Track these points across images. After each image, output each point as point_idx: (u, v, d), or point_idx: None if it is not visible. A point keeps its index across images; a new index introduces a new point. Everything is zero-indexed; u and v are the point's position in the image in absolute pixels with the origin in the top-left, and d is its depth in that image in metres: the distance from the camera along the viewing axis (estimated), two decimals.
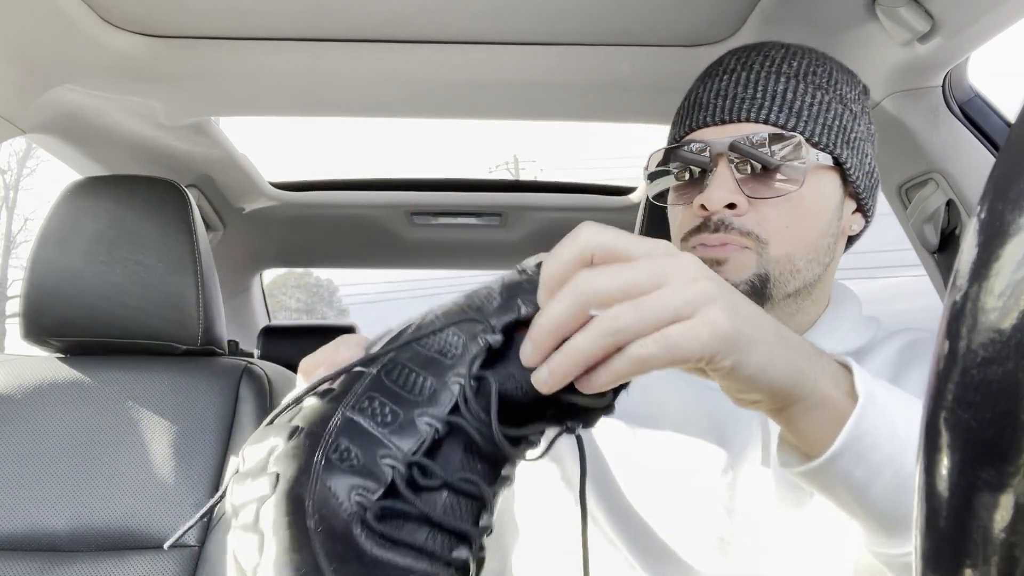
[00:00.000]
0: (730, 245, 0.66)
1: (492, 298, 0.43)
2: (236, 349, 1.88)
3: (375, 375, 0.42)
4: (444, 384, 0.41)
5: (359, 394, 0.41)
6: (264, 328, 2.25)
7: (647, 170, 0.74)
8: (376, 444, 0.39)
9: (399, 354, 0.42)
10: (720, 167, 0.66)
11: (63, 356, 1.14)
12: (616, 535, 0.66)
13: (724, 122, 0.68)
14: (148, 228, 1.09)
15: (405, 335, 0.43)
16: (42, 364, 1.11)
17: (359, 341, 0.45)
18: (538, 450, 0.43)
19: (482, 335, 0.41)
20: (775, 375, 0.42)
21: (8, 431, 1.04)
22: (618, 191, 2.00)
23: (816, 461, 0.46)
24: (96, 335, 1.09)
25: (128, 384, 1.08)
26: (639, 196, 1.91)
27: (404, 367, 0.42)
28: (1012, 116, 1.03)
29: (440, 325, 0.43)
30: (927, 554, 0.19)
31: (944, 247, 1.15)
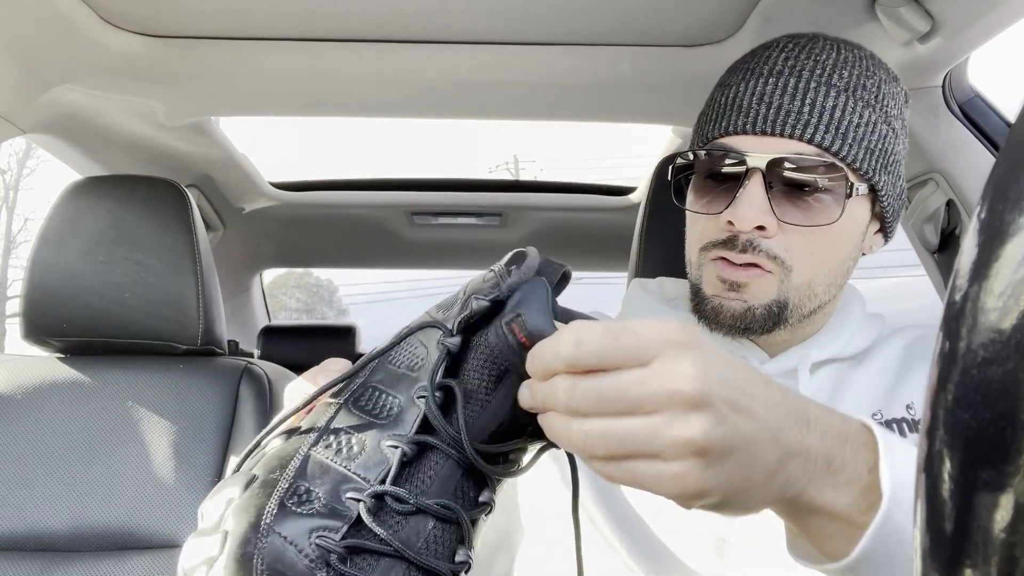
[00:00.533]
0: (754, 269, 0.63)
1: (456, 302, 0.42)
2: (236, 349, 1.89)
3: (341, 404, 0.40)
4: (411, 400, 0.39)
5: (322, 429, 0.39)
6: (264, 328, 2.26)
7: (672, 166, 0.70)
8: (340, 480, 0.37)
9: (370, 377, 0.41)
10: (752, 182, 0.62)
11: (63, 356, 1.14)
12: (614, 538, 0.66)
13: (765, 134, 0.63)
14: (148, 228, 1.09)
15: (373, 352, 0.42)
16: (42, 364, 1.11)
17: (341, 367, 0.43)
18: (523, 466, 0.42)
19: (441, 340, 0.40)
20: (768, 504, 0.40)
21: (8, 431, 1.04)
22: (618, 191, 2.00)
23: (833, 565, 0.43)
24: (96, 335, 1.09)
25: (128, 384, 1.08)
26: (639, 196, 1.91)
27: (375, 390, 0.40)
28: (1012, 116, 1.03)
29: (404, 334, 0.41)
30: (927, 554, 0.19)
31: (944, 247, 1.15)
